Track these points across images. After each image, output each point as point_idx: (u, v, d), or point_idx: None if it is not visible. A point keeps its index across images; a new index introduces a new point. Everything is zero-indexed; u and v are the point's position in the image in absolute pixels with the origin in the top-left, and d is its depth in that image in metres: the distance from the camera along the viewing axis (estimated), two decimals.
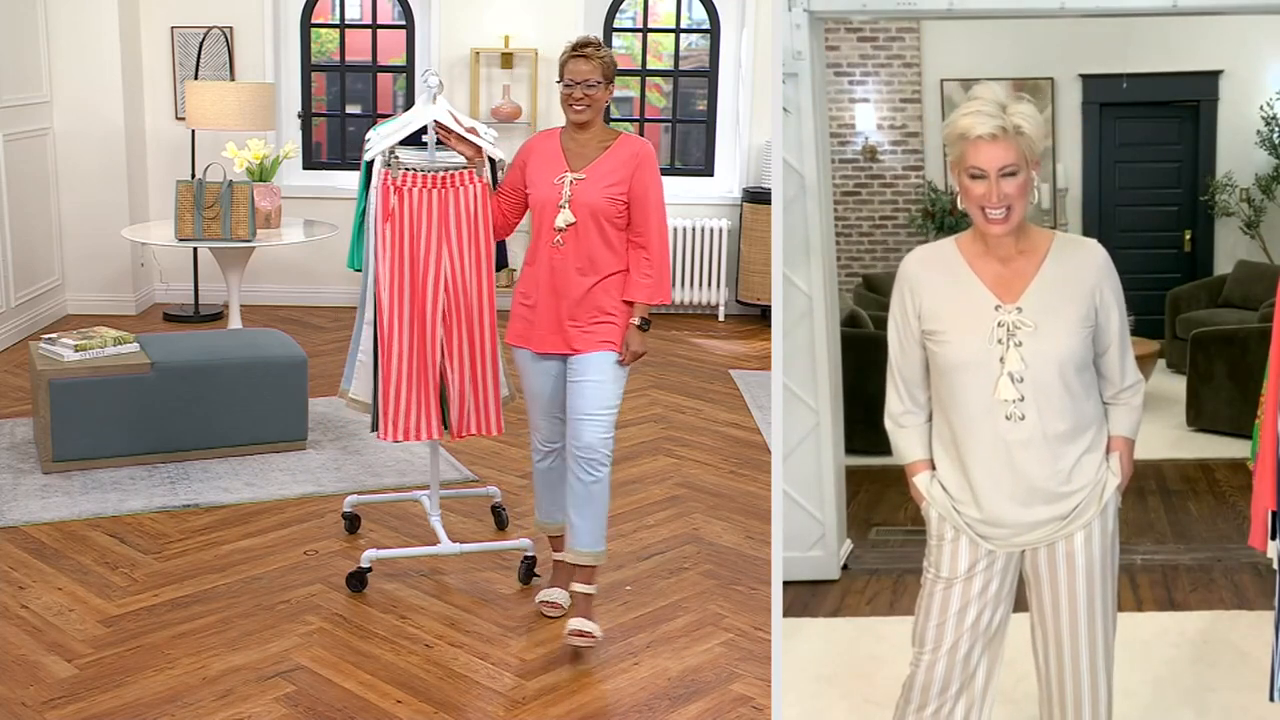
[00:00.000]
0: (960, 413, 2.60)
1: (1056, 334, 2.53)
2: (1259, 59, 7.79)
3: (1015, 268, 2.58)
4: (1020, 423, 2.54)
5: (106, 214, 7.75)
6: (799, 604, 4.12)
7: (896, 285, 2.70)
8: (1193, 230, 8.11)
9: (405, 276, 3.95)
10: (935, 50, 7.97)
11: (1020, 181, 2.49)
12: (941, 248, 2.67)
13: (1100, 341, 2.60)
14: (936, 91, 7.96)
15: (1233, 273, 7.47)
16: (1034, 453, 2.55)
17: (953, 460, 2.66)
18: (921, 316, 2.64)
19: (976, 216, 2.54)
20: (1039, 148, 2.51)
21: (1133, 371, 2.66)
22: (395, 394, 4.00)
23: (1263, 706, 3.34)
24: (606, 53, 3.76)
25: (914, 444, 2.74)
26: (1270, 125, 7.65)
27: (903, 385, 2.73)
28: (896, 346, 2.73)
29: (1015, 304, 2.55)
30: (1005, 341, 2.53)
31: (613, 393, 3.77)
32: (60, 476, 5.07)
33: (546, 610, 3.98)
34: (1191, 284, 7.60)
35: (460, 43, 8.23)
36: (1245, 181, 7.82)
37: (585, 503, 3.78)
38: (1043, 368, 2.52)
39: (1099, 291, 2.57)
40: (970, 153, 2.49)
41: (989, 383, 2.54)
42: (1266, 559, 4.23)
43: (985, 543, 2.62)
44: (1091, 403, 2.61)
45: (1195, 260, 8.12)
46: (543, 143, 3.86)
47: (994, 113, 2.48)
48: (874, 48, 7.98)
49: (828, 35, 7.63)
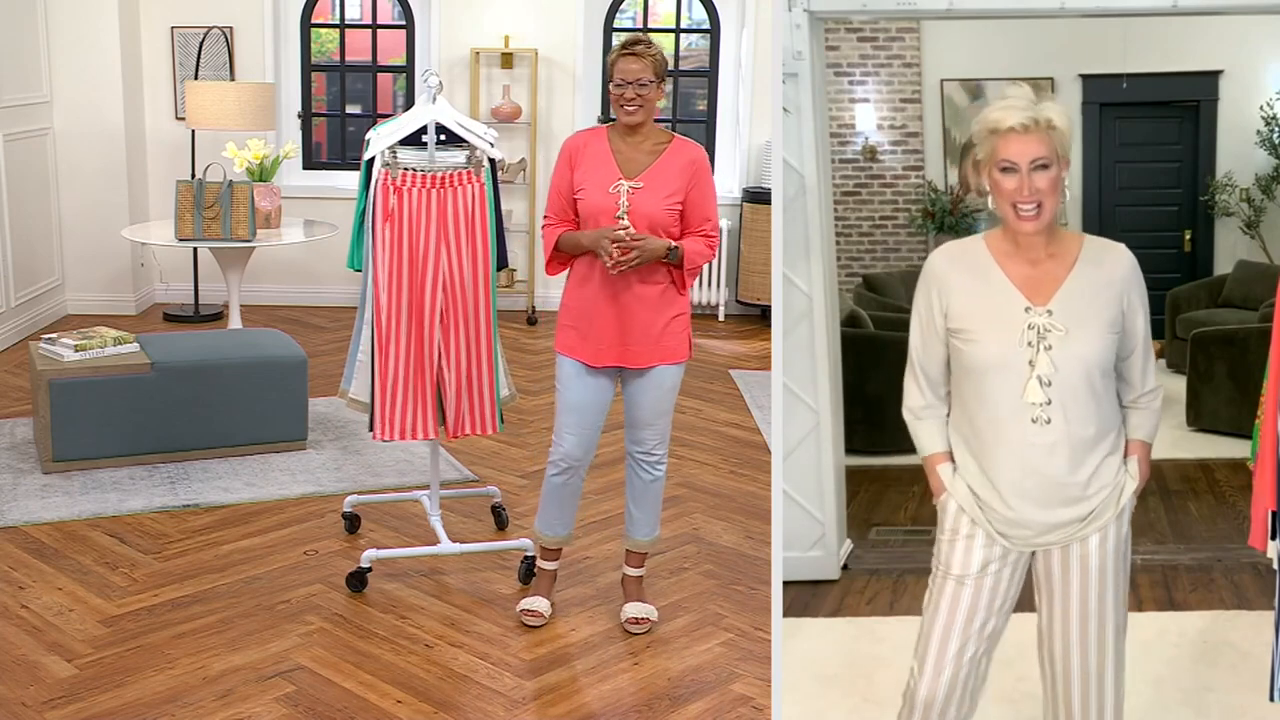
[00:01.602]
0: (985, 413, 2.59)
1: (1087, 338, 2.52)
2: (1259, 59, 7.78)
3: (1045, 270, 2.57)
4: (1047, 426, 2.53)
5: (106, 214, 7.75)
6: (799, 604, 4.12)
7: (922, 281, 2.68)
8: (1193, 230, 8.11)
9: (403, 276, 3.95)
10: (935, 50, 7.97)
11: (1052, 176, 2.48)
12: (970, 245, 2.66)
13: (1125, 346, 2.61)
14: (936, 91, 7.96)
15: (1233, 273, 7.47)
16: (1059, 456, 2.55)
17: (973, 458, 2.65)
18: (949, 315, 2.63)
19: (1007, 214, 2.53)
20: (1069, 144, 2.50)
21: (1153, 376, 2.67)
22: (391, 393, 4.00)
23: (1263, 706, 3.34)
24: (657, 49, 3.65)
25: (935, 436, 2.72)
26: (1270, 125, 7.65)
27: (924, 380, 2.72)
28: (919, 341, 2.71)
29: (1046, 306, 2.54)
30: (1035, 344, 2.53)
31: (672, 400, 3.84)
32: (60, 476, 5.07)
33: (528, 619, 3.95)
34: (1191, 284, 7.60)
35: (460, 43, 8.23)
36: (1245, 181, 7.82)
37: (644, 497, 3.93)
38: (1071, 371, 2.52)
39: (1127, 296, 2.57)
40: (1001, 146, 2.49)
41: (1018, 384, 2.54)
42: (1266, 559, 4.23)
43: (1002, 540, 2.61)
44: (1112, 406, 2.61)
45: (1195, 260, 8.12)
46: (590, 142, 3.70)
47: (1025, 106, 2.49)
48: (874, 48, 7.97)
49: (828, 35, 7.63)
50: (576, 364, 3.76)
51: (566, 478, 3.88)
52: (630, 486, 3.95)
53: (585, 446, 3.82)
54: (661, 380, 3.76)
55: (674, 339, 3.75)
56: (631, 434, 3.86)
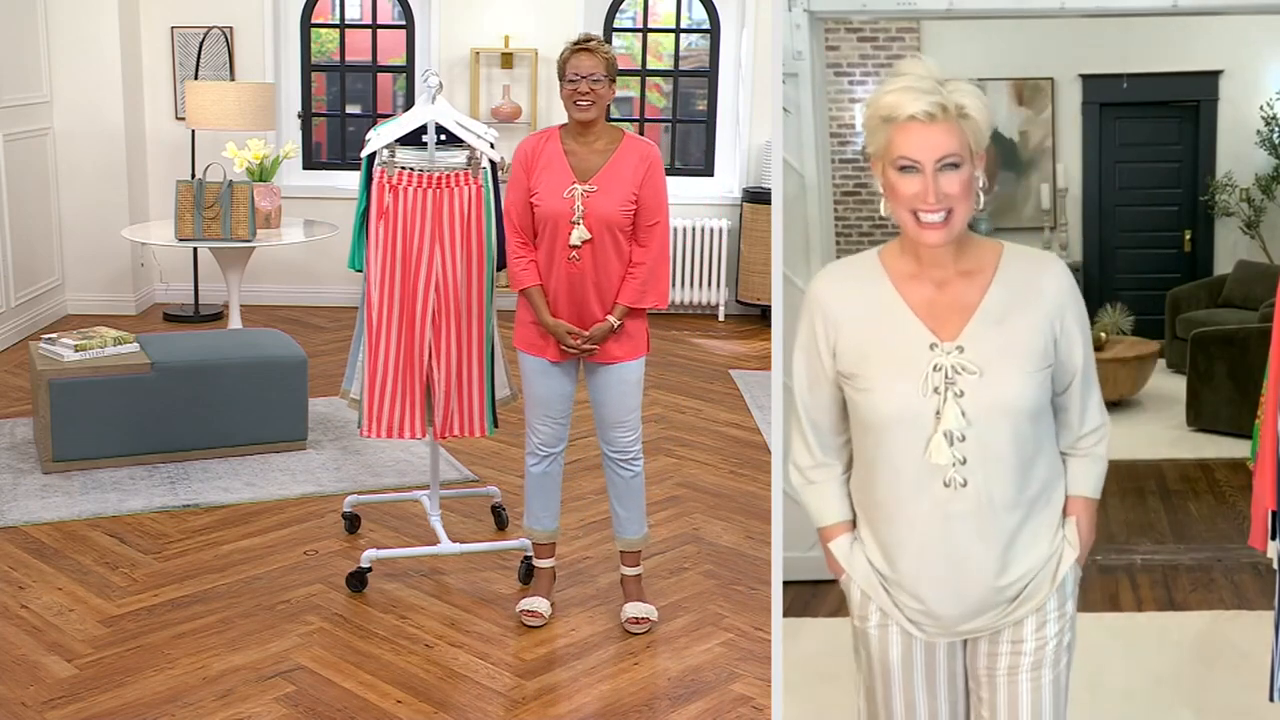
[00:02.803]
0: (885, 476, 2.12)
1: (1007, 379, 2.04)
2: (1259, 59, 7.79)
3: (954, 293, 2.08)
4: (961, 490, 2.06)
5: (106, 214, 7.75)
6: (799, 604, 4.12)
7: (805, 310, 2.19)
8: (1193, 230, 8.11)
9: (395, 275, 3.96)
10: (935, 50, 7.95)
11: (963, 177, 1.99)
12: (861, 264, 2.16)
13: (1060, 379, 2.13)
14: None
15: (1233, 273, 7.47)
16: (976, 525, 2.08)
17: (874, 530, 2.19)
18: (837, 354, 2.15)
19: (906, 223, 2.04)
20: (985, 137, 2.03)
21: (1096, 413, 2.18)
22: (380, 391, 4.01)
23: (1263, 706, 3.34)
24: (609, 49, 3.70)
25: (829, 501, 2.26)
26: (1270, 125, 7.65)
27: (811, 433, 2.24)
28: (804, 385, 2.23)
29: (955, 341, 2.06)
30: (943, 390, 2.05)
31: (638, 396, 3.86)
32: (60, 476, 5.07)
33: (527, 619, 3.96)
34: (1191, 284, 7.60)
35: (460, 43, 8.23)
36: (1245, 181, 7.81)
37: (626, 495, 3.95)
38: (990, 423, 2.04)
39: (1060, 319, 2.09)
40: (899, 139, 1.99)
41: (921, 441, 2.06)
42: (1266, 559, 4.23)
43: (917, 631, 2.18)
44: (1045, 457, 2.13)
45: (1195, 260, 8.11)
46: (541, 146, 3.72)
47: (929, 88, 1.98)
48: (874, 48, 7.96)
49: (828, 35, 7.63)
50: (537, 360, 3.81)
51: (546, 465, 3.94)
52: (612, 486, 3.96)
53: (559, 434, 3.91)
54: (624, 375, 3.81)
55: (632, 339, 3.79)
56: (603, 434, 3.88)
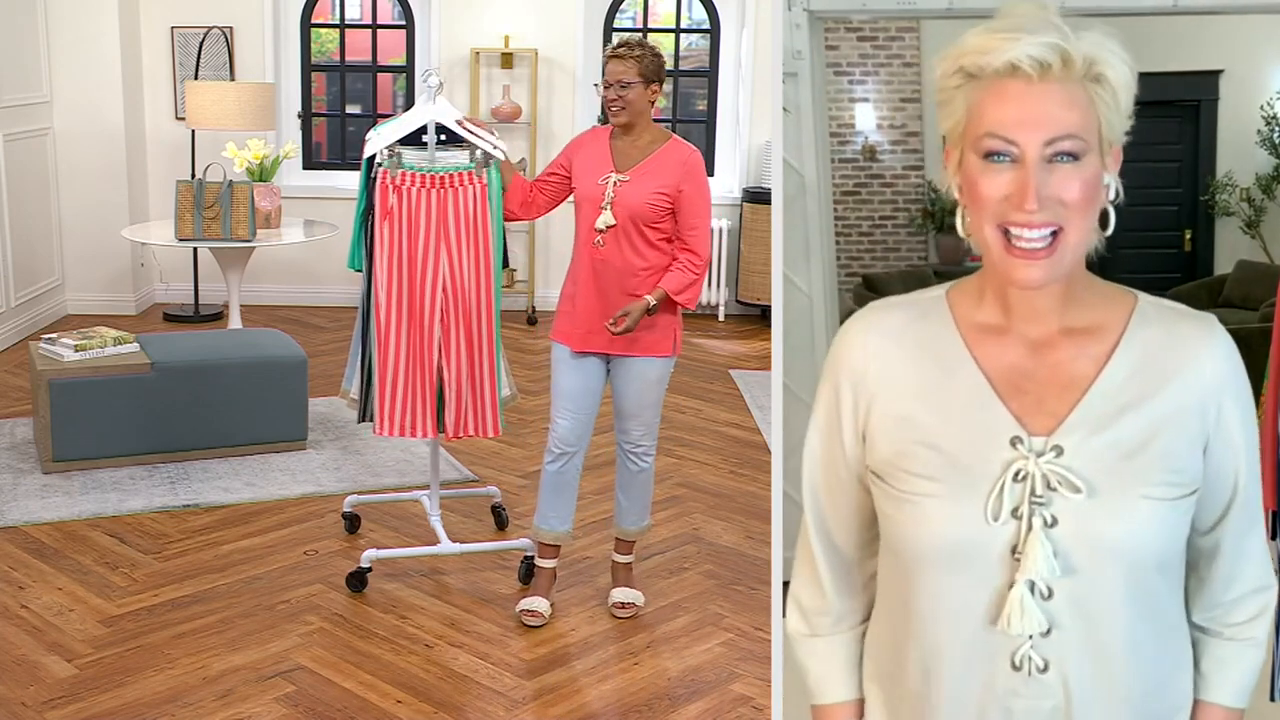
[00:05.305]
0: (920, 641, 1.39)
1: (1129, 505, 1.31)
2: (1259, 59, 7.79)
3: (1057, 363, 1.36)
4: (1038, 678, 1.33)
5: (106, 214, 7.75)
6: None
7: (828, 371, 1.47)
8: (1193, 230, 8.11)
9: (402, 275, 3.96)
10: (935, 50, 7.94)
11: (1086, 176, 1.31)
12: (918, 307, 1.43)
13: (1206, 509, 1.39)
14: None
15: (1233, 273, 7.47)
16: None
17: (896, 715, 1.46)
18: (869, 441, 1.42)
19: (991, 246, 1.32)
20: (1125, 119, 1.36)
21: (1258, 568, 1.41)
22: (391, 391, 4.02)
23: (1263, 706, 3.34)
24: (644, 51, 3.72)
25: (835, 669, 1.52)
26: (1270, 125, 7.65)
27: (825, 560, 1.50)
28: (818, 485, 1.50)
29: (1051, 438, 1.34)
30: (1025, 515, 1.31)
31: (656, 394, 3.90)
32: (60, 476, 5.07)
33: (527, 619, 3.96)
34: (1191, 284, 7.60)
35: (460, 43, 8.23)
36: (1245, 181, 7.82)
37: (631, 486, 4.01)
38: (1096, 573, 1.31)
39: (1215, 409, 1.38)
40: (989, 105, 1.29)
41: (983, 591, 1.34)
42: None
43: None
44: (1175, 635, 1.40)
45: (1195, 260, 8.12)
46: (593, 139, 3.88)
47: (1045, 25, 1.30)
48: (874, 47, 7.97)
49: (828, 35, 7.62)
50: (563, 349, 3.88)
51: (562, 464, 3.94)
52: (620, 475, 4.04)
53: (579, 431, 3.90)
54: (645, 372, 3.84)
55: (660, 333, 3.81)
56: (619, 424, 3.96)
